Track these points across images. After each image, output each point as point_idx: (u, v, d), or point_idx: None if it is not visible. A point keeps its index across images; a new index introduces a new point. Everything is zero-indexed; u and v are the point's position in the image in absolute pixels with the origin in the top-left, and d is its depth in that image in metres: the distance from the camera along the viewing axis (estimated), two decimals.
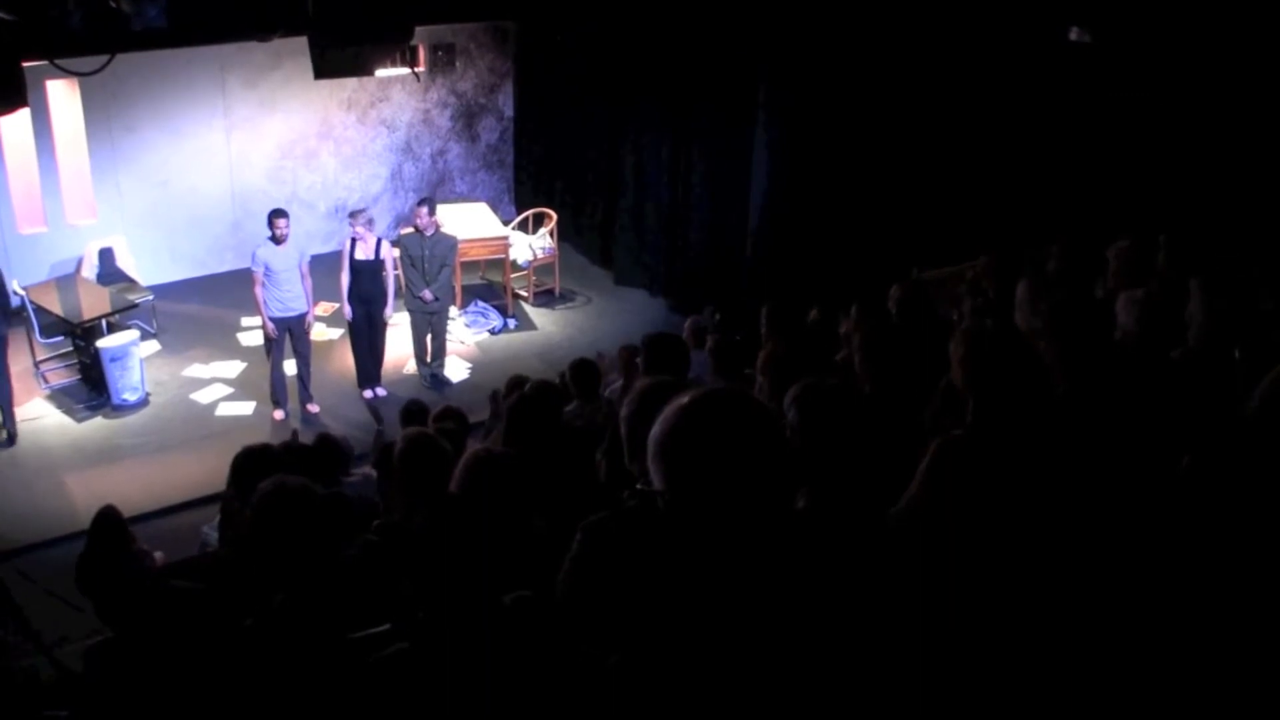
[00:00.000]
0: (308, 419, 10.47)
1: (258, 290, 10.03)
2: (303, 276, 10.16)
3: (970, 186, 10.59)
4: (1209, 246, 6.22)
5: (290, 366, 10.58)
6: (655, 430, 1.96)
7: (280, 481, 3.22)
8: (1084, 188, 9.54)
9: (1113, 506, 3.11)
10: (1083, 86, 9.48)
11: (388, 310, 10.75)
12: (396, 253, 11.09)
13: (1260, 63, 8.16)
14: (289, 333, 10.27)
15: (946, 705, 2.03)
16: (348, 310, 10.57)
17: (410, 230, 11.09)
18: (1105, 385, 3.91)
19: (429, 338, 11.21)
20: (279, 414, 10.54)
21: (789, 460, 1.94)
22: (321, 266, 11.18)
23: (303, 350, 10.48)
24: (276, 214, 9.99)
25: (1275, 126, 8.23)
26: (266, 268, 9.94)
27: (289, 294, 10.08)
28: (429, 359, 11.30)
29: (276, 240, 9.94)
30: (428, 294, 10.82)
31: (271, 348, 10.34)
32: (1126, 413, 3.71)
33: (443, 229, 11.11)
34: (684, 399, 1.96)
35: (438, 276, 10.87)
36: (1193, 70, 8.61)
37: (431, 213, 10.86)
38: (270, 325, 10.12)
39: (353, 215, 10.61)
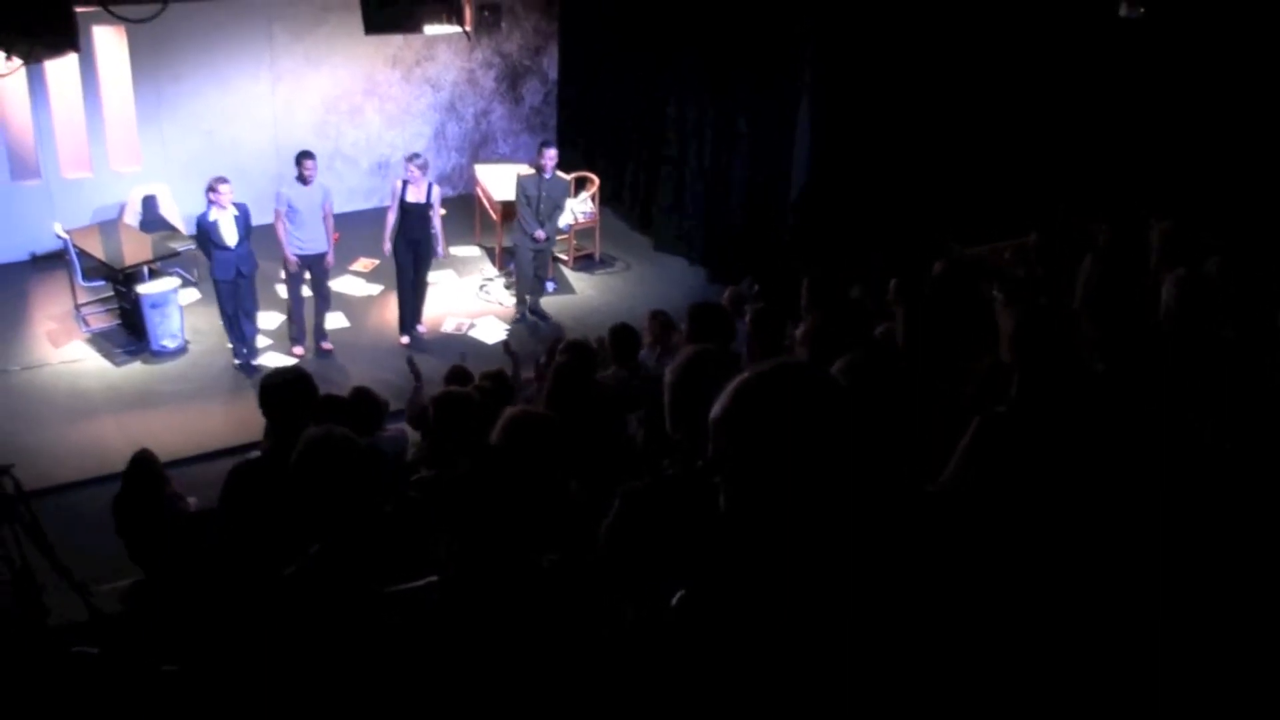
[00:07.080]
0: (321, 355, 10.90)
1: (279, 226, 10.37)
2: (325, 217, 10.48)
3: (1014, 162, 10.47)
4: (1250, 226, 6.13)
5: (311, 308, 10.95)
6: (721, 402, 1.86)
7: (328, 430, 3.23)
8: (1131, 165, 9.42)
9: (1147, 484, 3.09)
10: (1133, 62, 9.35)
11: (438, 250, 11.19)
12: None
13: None
14: (309, 271, 10.63)
15: (984, 679, 2.01)
16: (387, 246, 10.84)
17: (531, 172, 11.36)
18: (1143, 364, 3.89)
19: (533, 276, 11.67)
20: (299, 349, 10.89)
21: (856, 441, 1.85)
22: (363, 222, 11.23)
23: (323, 292, 10.86)
24: (304, 155, 10.33)
25: None
26: (290, 206, 10.28)
27: (309, 234, 10.43)
28: (528, 295, 11.82)
29: (303, 181, 10.26)
30: (540, 233, 11.22)
31: (291, 284, 10.71)
32: (1163, 391, 3.69)
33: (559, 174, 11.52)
34: (755, 371, 1.86)
35: (551, 216, 11.29)
36: (1244, 47, 8.48)
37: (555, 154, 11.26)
38: (293, 259, 10.47)
39: (409, 159, 10.79)
